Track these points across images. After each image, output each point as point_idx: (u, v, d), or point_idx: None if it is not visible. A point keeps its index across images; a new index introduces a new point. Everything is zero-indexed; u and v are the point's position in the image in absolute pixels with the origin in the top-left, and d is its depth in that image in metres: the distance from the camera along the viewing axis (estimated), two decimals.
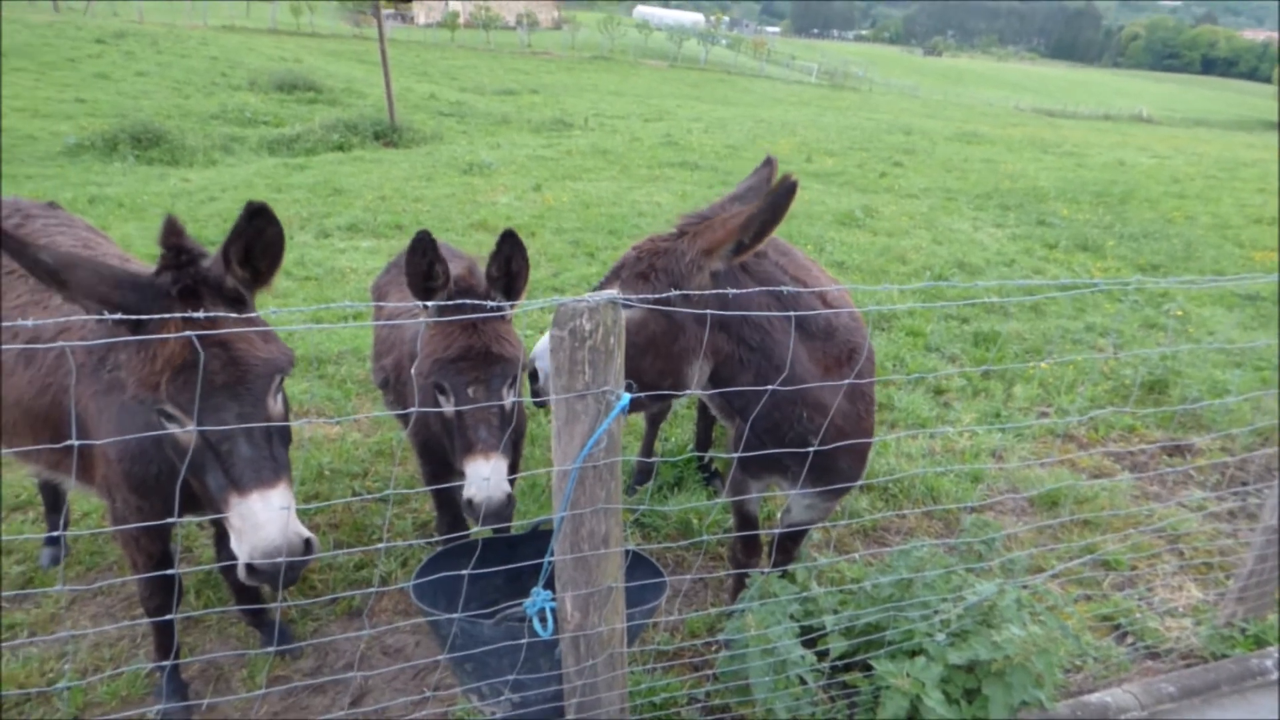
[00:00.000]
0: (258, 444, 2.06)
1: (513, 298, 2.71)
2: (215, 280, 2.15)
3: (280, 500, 2.04)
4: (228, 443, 2.04)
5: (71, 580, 3.64)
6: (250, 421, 2.07)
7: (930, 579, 3.03)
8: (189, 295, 2.11)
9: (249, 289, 2.23)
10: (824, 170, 16.19)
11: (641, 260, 2.42)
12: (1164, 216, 13.61)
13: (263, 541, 1.98)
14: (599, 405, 1.92)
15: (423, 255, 2.52)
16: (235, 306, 2.19)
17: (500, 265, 2.65)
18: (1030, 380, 6.46)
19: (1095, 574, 4.31)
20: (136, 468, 2.53)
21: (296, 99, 21.51)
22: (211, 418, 2.04)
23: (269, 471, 2.05)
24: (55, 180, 11.70)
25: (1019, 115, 46.16)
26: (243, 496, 2.02)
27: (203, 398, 2.02)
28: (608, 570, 2.17)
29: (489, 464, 2.44)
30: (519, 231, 8.80)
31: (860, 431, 2.75)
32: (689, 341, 2.40)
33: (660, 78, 44.43)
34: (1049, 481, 5.06)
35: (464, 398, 2.51)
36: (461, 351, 2.50)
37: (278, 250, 2.19)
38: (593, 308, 1.81)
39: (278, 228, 2.15)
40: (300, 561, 2.04)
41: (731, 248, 2.38)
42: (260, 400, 2.11)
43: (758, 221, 2.31)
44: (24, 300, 2.80)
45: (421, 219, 10.21)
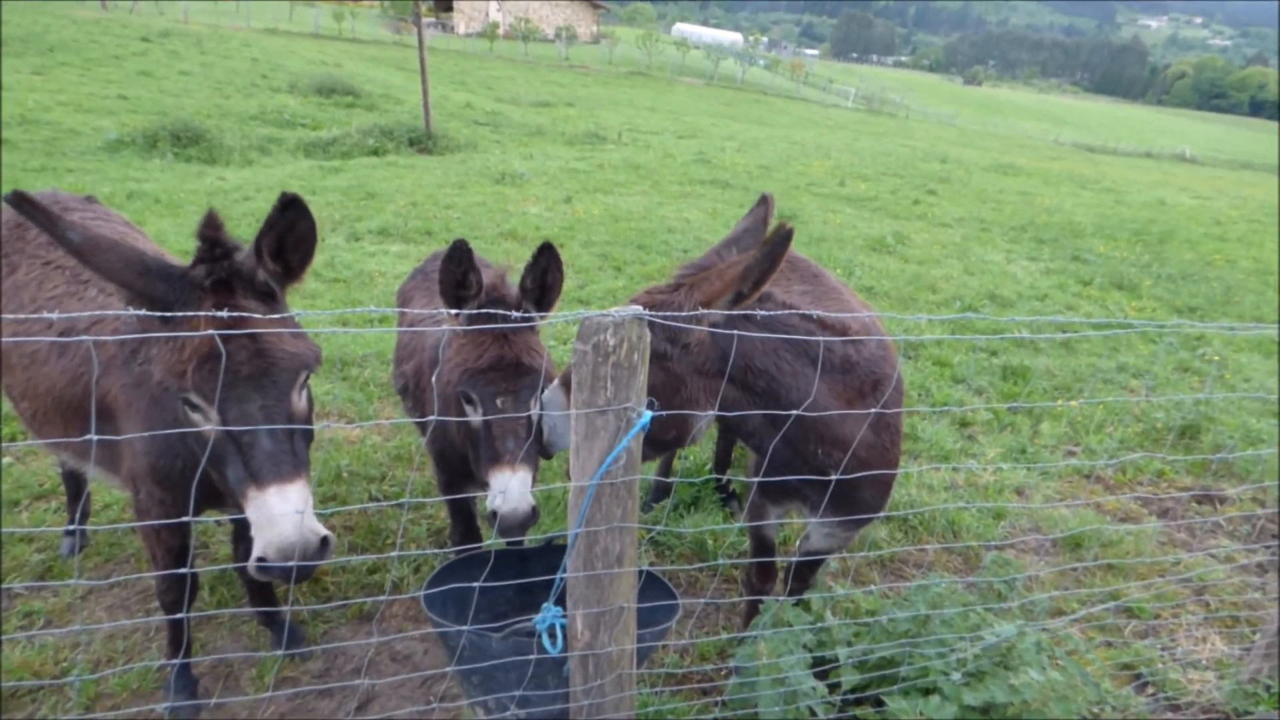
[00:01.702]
0: (279, 438, 2.06)
1: (544, 310, 2.70)
2: (248, 274, 2.16)
3: (297, 496, 2.03)
4: (249, 435, 2.04)
5: (89, 571, 3.66)
6: (273, 415, 2.07)
7: (949, 616, 2.97)
8: (222, 288, 2.12)
9: (280, 284, 2.23)
10: (857, 195, 16.13)
11: None
12: (1204, 259, 13.40)
13: (277, 537, 1.97)
14: (619, 422, 1.89)
15: (458, 264, 2.51)
16: (266, 301, 2.20)
17: (536, 277, 2.64)
18: (1059, 418, 6.36)
19: (1117, 620, 4.21)
20: (162, 461, 2.55)
21: (335, 103, 21.79)
22: (234, 409, 2.04)
23: (288, 467, 2.05)
24: (95, 175, 11.91)
25: (1058, 149, 45.79)
26: (260, 490, 2.01)
27: (227, 388, 2.02)
28: (620, 589, 2.14)
29: (515, 476, 2.42)
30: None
31: (884, 463, 2.70)
32: (692, 393, 2.37)
33: (696, 95, 44.60)
34: (1074, 523, 4.96)
35: (492, 408, 2.49)
36: (492, 361, 2.49)
37: (310, 244, 2.20)
38: (618, 323, 1.79)
39: (310, 220, 2.15)
40: (315, 559, 2.03)
41: (730, 299, 2.35)
42: (284, 394, 2.11)
43: (755, 272, 2.28)
44: (60, 291, 2.84)
45: (452, 226, 10.28)
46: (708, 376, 2.38)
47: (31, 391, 2.82)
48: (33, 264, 2.97)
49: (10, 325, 2.81)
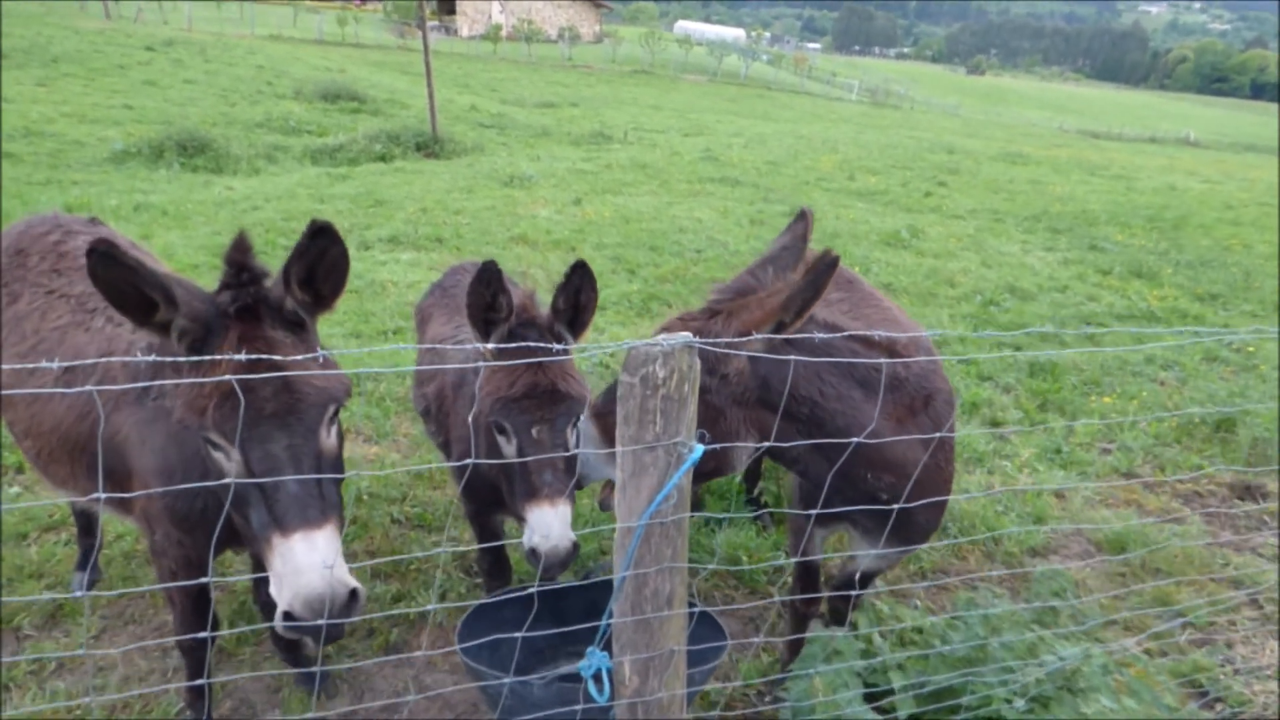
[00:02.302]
0: (305, 480, 1.92)
1: (578, 331, 2.56)
2: (275, 301, 2.04)
3: (326, 544, 1.89)
4: (273, 476, 1.91)
5: (102, 608, 3.52)
6: (299, 455, 1.94)
7: (1009, 641, 2.81)
8: (248, 316, 2.00)
9: (310, 313, 2.11)
10: (867, 189, 15.94)
11: None
12: (1220, 244, 13.17)
13: (304, 589, 1.83)
14: (670, 458, 1.75)
15: (487, 286, 2.36)
16: (295, 330, 2.08)
17: (569, 297, 2.49)
18: (1091, 414, 6.19)
19: (1168, 624, 4.05)
20: (180, 501, 2.41)
21: (340, 109, 21.69)
22: (258, 449, 1.91)
23: (316, 511, 1.91)
24: (101, 186, 11.82)
25: (1063, 136, 45.44)
26: (285, 538, 1.87)
27: (250, 426, 1.89)
28: (670, 632, 2.00)
29: (555, 511, 2.28)
30: (559, 246, 8.62)
31: (938, 483, 2.55)
32: (731, 424, 2.23)
33: (700, 92, 44.38)
34: (1115, 523, 4.80)
35: (527, 439, 2.35)
36: (526, 389, 2.35)
37: (342, 272, 2.07)
38: (667, 352, 1.65)
39: (342, 248, 2.03)
40: (343, 614, 1.89)
41: (771, 329, 2.21)
42: (312, 431, 1.98)
43: (798, 300, 2.16)
44: (65, 321, 2.70)
45: (462, 232, 10.15)
46: (748, 407, 2.24)
47: (36, 429, 2.68)
48: (35, 293, 2.83)
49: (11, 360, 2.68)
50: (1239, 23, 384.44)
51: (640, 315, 7.74)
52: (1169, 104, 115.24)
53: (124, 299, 1.88)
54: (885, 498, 2.47)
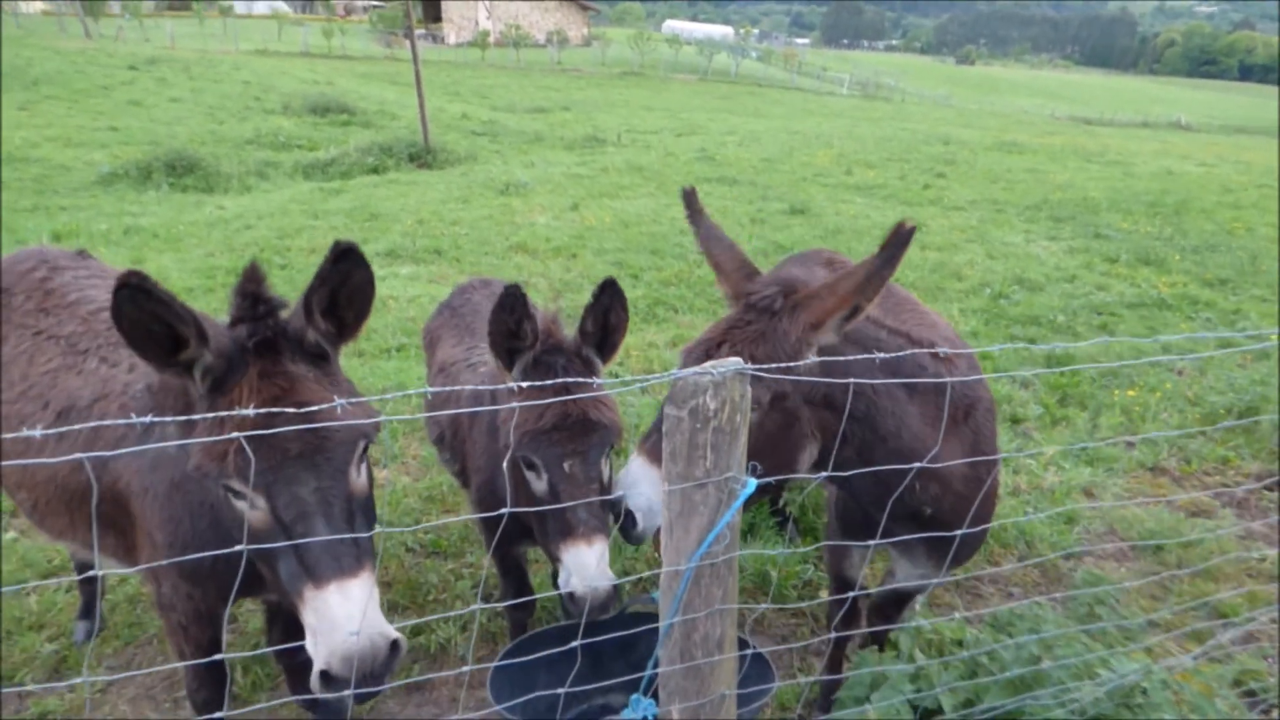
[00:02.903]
0: (337, 525, 1.79)
1: (608, 354, 2.41)
2: (295, 334, 1.90)
3: (361, 594, 1.75)
4: (303, 524, 1.77)
5: (108, 658, 3.37)
6: (329, 498, 1.80)
7: (1059, 655, 2.68)
8: (266, 350, 1.86)
9: (333, 344, 1.98)
10: (865, 183, 15.82)
11: (740, 355, 2.03)
12: (1223, 228, 13.08)
13: (341, 645, 1.69)
14: (721, 494, 1.62)
15: (511, 312, 2.22)
16: (318, 364, 1.94)
17: (597, 318, 2.35)
18: (1112, 408, 6.06)
19: (1211, 624, 3.93)
20: (189, 553, 2.25)
21: (330, 122, 21.54)
22: (285, 493, 1.77)
23: (350, 559, 1.77)
24: (89, 211, 11.67)
25: (1056, 124, 45.36)
26: (319, 589, 1.73)
27: (274, 469, 1.76)
28: (721, 677, 1.86)
29: (592, 550, 2.13)
30: (559, 253, 8.46)
31: (984, 496, 2.41)
32: (803, 427, 2.09)
33: (691, 91, 44.27)
34: (1149, 523, 4.68)
35: (559, 474, 2.20)
36: (556, 421, 2.19)
37: (367, 298, 1.95)
38: (718, 382, 1.52)
39: (367, 272, 1.90)
40: (384, 669, 1.75)
41: (844, 316, 2.05)
42: (342, 472, 1.84)
43: (877, 279, 2.00)
44: (55, 365, 2.55)
45: (461, 243, 10.01)
46: (815, 406, 2.09)
47: (29, 481, 2.53)
48: (22, 335, 2.67)
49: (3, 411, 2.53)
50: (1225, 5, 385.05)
51: (646, 321, 7.61)
52: (1159, 88, 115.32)
53: (149, 337, 1.75)
54: (929, 512, 2.34)
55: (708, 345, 2.08)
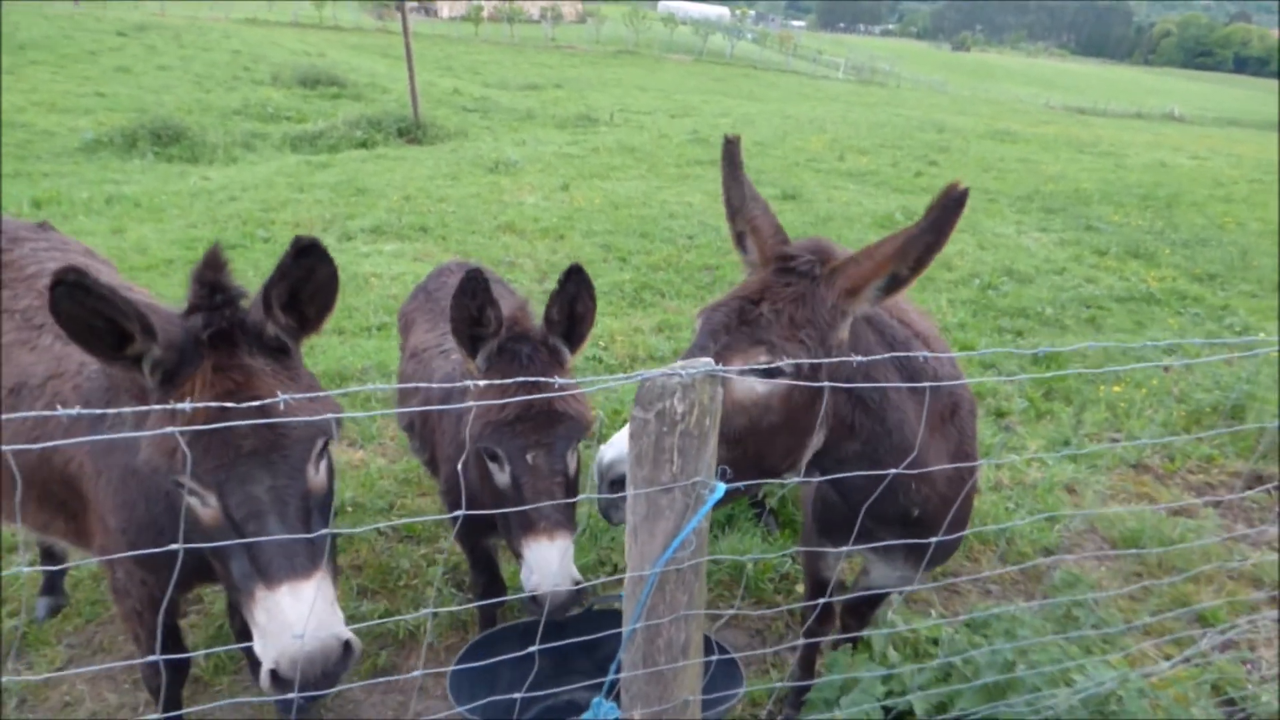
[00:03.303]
0: (292, 525, 1.73)
1: (575, 344, 2.34)
2: (254, 326, 1.83)
3: (315, 594, 1.69)
4: (255, 523, 1.71)
5: (69, 635, 3.31)
6: (284, 497, 1.74)
7: (1035, 660, 2.65)
8: (222, 342, 1.79)
9: (294, 338, 1.91)
10: (858, 169, 15.72)
11: (779, 313, 1.91)
12: (1214, 222, 13.08)
13: (291, 646, 1.64)
14: (688, 499, 1.55)
15: (472, 297, 2.15)
16: (277, 357, 1.87)
17: (563, 306, 2.27)
18: (1098, 403, 6.04)
19: (1191, 630, 3.91)
20: (143, 539, 2.19)
21: (320, 94, 21.23)
22: (237, 491, 1.71)
23: (304, 559, 1.71)
24: (71, 178, 11.46)
25: (1050, 113, 45.23)
26: (270, 590, 1.68)
27: (227, 467, 1.70)
28: (685, 682, 1.81)
29: (554, 546, 2.07)
30: (547, 234, 8.32)
31: (964, 498, 2.36)
32: (821, 407, 1.96)
33: (685, 72, 43.90)
34: (1128, 519, 4.65)
35: (522, 466, 2.13)
36: (520, 411, 2.12)
37: (330, 293, 1.88)
38: (686, 384, 1.45)
39: (331, 268, 1.83)
40: (336, 670, 1.70)
41: (883, 283, 1.90)
42: (299, 470, 1.78)
43: (919, 246, 1.82)
44: (10, 339, 2.46)
45: (447, 221, 9.88)
46: (836, 391, 1.97)
47: None
48: None
49: None
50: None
51: (633, 305, 7.53)
52: (1154, 79, 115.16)
53: (92, 333, 1.67)
54: (916, 513, 2.28)
55: (743, 302, 1.94)
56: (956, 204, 1.77)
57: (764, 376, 1.84)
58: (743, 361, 1.84)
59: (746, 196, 2.22)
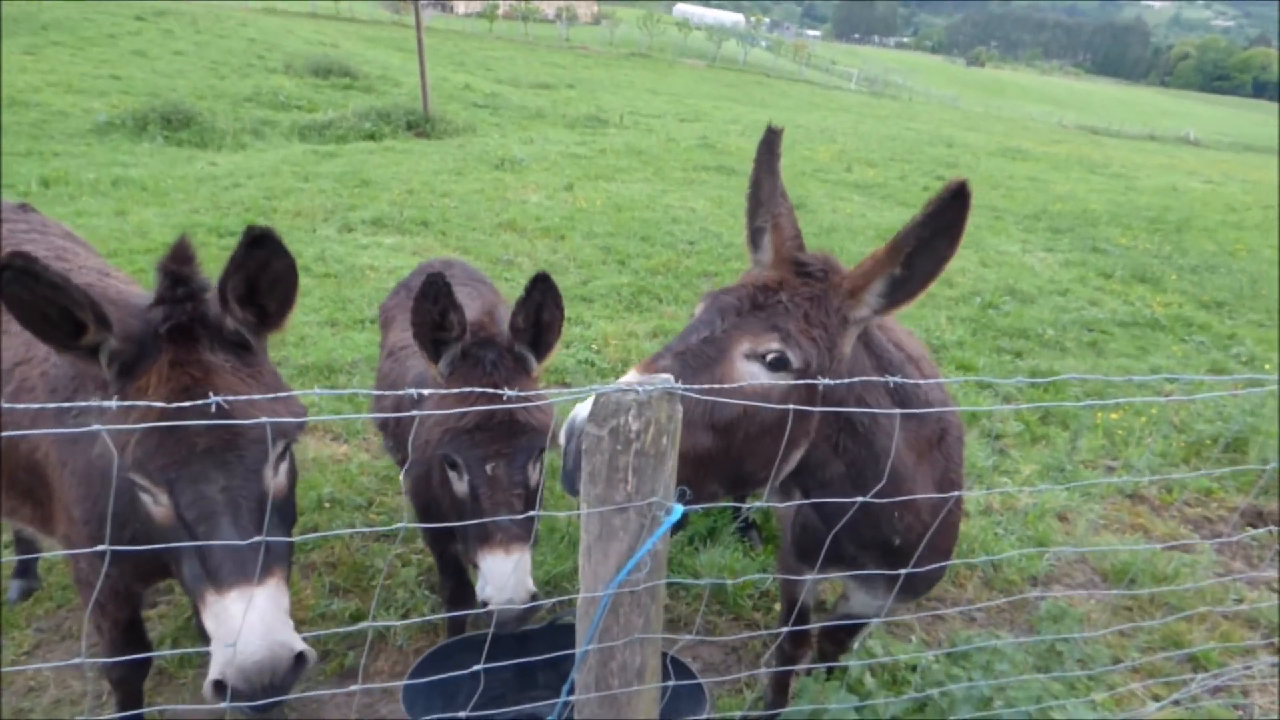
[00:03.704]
0: (244, 528, 1.66)
1: (542, 352, 2.27)
2: (214, 321, 1.78)
3: (266, 603, 1.63)
4: (206, 525, 1.65)
5: (39, 619, 3.25)
6: (237, 498, 1.68)
7: (1013, 697, 2.57)
8: (182, 336, 1.74)
9: (255, 333, 1.84)
10: (865, 181, 15.65)
11: (796, 306, 1.83)
12: (1224, 248, 12.98)
13: (238, 656, 1.58)
14: (643, 520, 1.48)
15: (434, 302, 2.08)
16: (238, 353, 1.81)
17: (529, 314, 2.20)
18: (1095, 429, 5.95)
19: (1182, 669, 3.82)
20: (105, 531, 2.14)
21: (331, 84, 21.23)
22: (188, 490, 1.65)
23: (255, 565, 1.65)
24: (81, 159, 11.43)
25: (1062, 132, 45.14)
26: (219, 595, 1.62)
27: (180, 465, 1.64)
28: (640, 707, 1.74)
29: (510, 560, 2.00)
30: (548, 234, 8.24)
31: (948, 525, 2.29)
32: (815, 421, 1.88)
33: (698, 77, 43.89)
34: (1123, 552, 4.56)
35: (481, 476, 2.07)
36: (480, 420, 2.05)
37: (288, 287, 1.81)
38: (642, 401, 1.38)
39: (286, 260, 1.76)
40: (285, 681, 1.64)
41: (884, 287, 1.82)
42: (253, 472, 1.72)
43: (912, 238, 1.71)
44: None
45: (449, 216, 9.83)
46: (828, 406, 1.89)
47: None
48: None
49: None
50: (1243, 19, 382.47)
51: (629, 309, 7.46)
52: (1170, 101, 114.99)
53: (45, 321, 1.62)
54: (898, 541, 2.20)
55: (757, 290, 1.86)
56: (954, 197, 1.65)
57: (770, 369, 1.77)
58: (752, 344, 1.78)
59: (776, 192, 2.14)
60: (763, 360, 1.77)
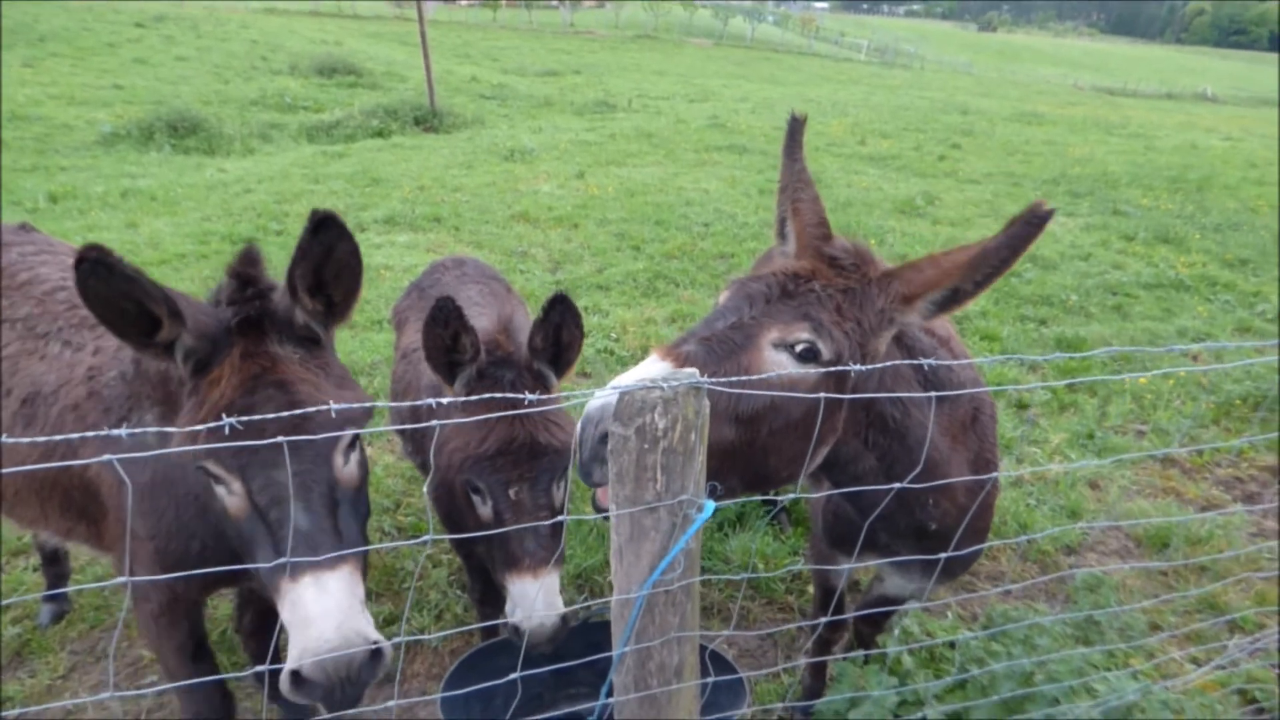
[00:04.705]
0: (316, 514, 1.66)
1: (561, 369, 2.23)
2: (283, 315, 1.79)
3: (340, 588, 1.61)
4: (277, 512, 1.65)
5: (73, 642, 3.26)
6: (309, 482, 1.67)
7: (1054, 672, 2.53)
8: (250, 330, 1.76)
9: (324, 325, 1.85)
10: (879, 153, 15.47)
11: (830, 297, 1.77)
12: (1246, 206, 12.72)
13: (313, 643, 1.55)
14: (674, 518, 1.46)
15: (444, 326, 2.04)
16: (307, 346, 1.83)
17: (548, 334, 2.15)
18: (1123, 394, 5.86)
19: (1219, 634, 3.77)
20: (173, 545, 2.14)
21: (337, 83, 21.22)
22: (260, 476, 1.66)
23: (328, 549, 1.64)
24: (88, 172, 11.49)
25: (1078, 94, 44.40)
26: (293, 582, 1.60)
27: (251, 451, 1.64)
28: (681, 704, 1.72)
29: (539, 583, 1.98)
30: (561, 223, 8.14)
31: (984, 507, 2.25)
32: (844, 414, 1.83)
33: (705, 56, 43.51)
34: (1155, 516, 4.50)
35: (505, 501, 2.04)
36: (501, 445, 2.02)
37: (355, 272, 1.80)
38: (668, 398, 1.35)
39: (351, 243, 1.75)
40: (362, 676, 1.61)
41: (941, 296, 1.77)
42: (324, 458, 1.72)
43: (994, 260, 1.69)
44: (14, 350, 2.40)
45: (461, 210, 9.81)
46: (855, 403, 1.85)
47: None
48: None
49: None
50: None
51: (646, 295, 7.42)
52: (1186, 58, 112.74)
53: (121, 316, 1.63)
54: (934, 527, 2.17)
55: (788, 278, 1.79)
56: (1040, 223, 1.65)
57: (799, 360, 1.71)
58: (782, 333, 1.72)
59: (796, 178, 2.10)
60: (792, 351, 1.71)
